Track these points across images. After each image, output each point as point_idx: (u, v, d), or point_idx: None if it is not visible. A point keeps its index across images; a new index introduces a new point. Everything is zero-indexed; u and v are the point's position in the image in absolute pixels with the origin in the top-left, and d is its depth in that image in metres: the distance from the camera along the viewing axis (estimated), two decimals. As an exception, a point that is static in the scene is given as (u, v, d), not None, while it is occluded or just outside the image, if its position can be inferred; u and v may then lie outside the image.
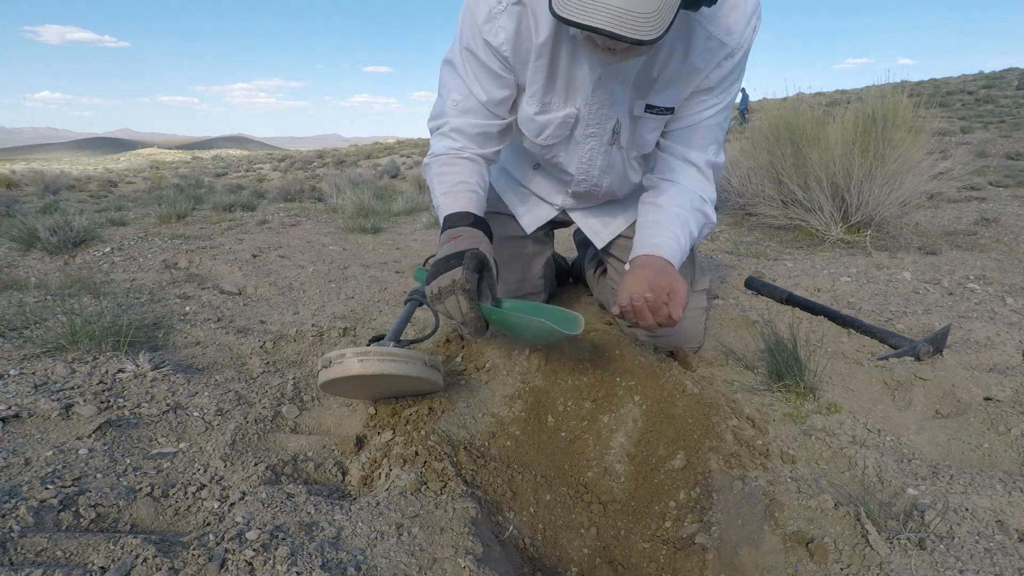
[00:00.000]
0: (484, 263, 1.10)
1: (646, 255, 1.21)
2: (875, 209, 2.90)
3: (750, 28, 1.19)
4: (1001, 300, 2.00)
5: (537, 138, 1.34)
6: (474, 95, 1.27)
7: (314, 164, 19.65)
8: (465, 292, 1.04)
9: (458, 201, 1.24)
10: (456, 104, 1.29)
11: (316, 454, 1.06)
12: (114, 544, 0.73)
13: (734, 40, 1.18)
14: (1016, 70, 26.35)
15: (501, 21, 1.17)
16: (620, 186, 1.48)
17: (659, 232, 1.26)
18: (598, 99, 1.24)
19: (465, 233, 1.16)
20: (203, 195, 6.45)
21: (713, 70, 1.22)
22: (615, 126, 1.30)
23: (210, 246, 2.85)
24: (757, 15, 1.19)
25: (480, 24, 1.18)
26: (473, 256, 1.07)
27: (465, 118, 1.30)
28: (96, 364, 1.29)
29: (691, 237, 1.30)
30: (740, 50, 1.20)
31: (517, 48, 1.20)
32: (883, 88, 3.08)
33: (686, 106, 1.29)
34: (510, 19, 1.16)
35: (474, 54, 1.22)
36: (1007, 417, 1.20)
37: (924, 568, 0.79)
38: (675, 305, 1.10)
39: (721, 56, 1.20)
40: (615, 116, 1.28)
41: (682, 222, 1.28)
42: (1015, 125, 11.25)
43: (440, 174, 1.32)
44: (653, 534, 1.01)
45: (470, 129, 1.31)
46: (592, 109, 1.26)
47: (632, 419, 1.15)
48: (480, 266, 1.08)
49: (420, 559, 0.78)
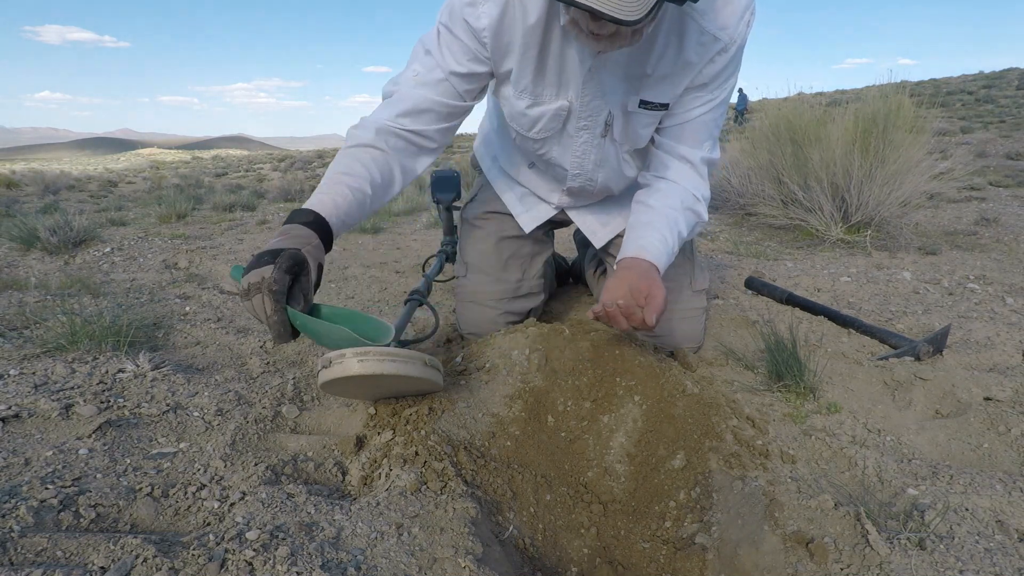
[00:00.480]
0: (301, 265, 1.00)
1: (631, 258, 1.22)
2: (875, 209, 2.90)
3: (743, 23, 1.19)
4: (1001, 300, 2.00)
5: (529, 132, 1.34)
6: (440, 66, 1.21)
7: (314, 164, 19.65)
8: (271, 293, 0.94)
9: (318, 196, 1.14)
10: (416, 74, 1.23)
11: (316, 454, 1.06)
12: (114, 544, 0.73)
13: (727, 35, 1.18)
14: (1016, 70, 26.34)
15: (486, 7, 1.15)
16: (616, 181, 1.48)
17: (647, 234, 1.26)
18: (589, 91, 1.23)
19: (295, 232, 1.06)
20: (203, 195, 6.45)
21: (707, 65, 1.22)
22: (607, 118, 1.30)
23: (210, 246, 2.85)
24: (751, 10, 1.19)
25: (464, 5, 1.16)
26: (289, 256, 0.98)
27: (420, 90, 1.23)
28: (96, 364, 1.29)
29: (680, 237, 1.31)
30: (734, 45, 1.20)
31: (499, 36, 1.18)
32: (883, 88, 3.08)
33: (681, 102, 1.29)
34: (495, 6, 1.14)
35: (451, 30, 1.20)
36: (1007, 417, 1.20)
37: (924, 568, 0.79)
38: (649, 311, 1.11)
39: (715, 51, 1.20)
40: (607, 108, 1.28)
41: (671, 223, 1.29)
42: (1015, 125, 11.25)
43: (339, 157, 1.22)
44: (653, 534, 1.01)
45: (416, 102, 1.23)
46: (584, 101, 1.25)
47: (632, 419, 1.15)
48: (295, 268, 0.98)
49: (420, 559, 0.78)
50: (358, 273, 2.38)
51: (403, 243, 3.16)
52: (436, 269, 1.82)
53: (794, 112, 3.31)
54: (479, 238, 1.63)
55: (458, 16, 1.17)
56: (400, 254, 2.85)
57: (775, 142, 3.31)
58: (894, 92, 3.02)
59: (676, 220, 1.30)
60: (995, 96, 18.11)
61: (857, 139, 2.90)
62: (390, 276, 2.35)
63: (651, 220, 1.29)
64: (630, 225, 1.33)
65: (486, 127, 1.71)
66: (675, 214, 1.31)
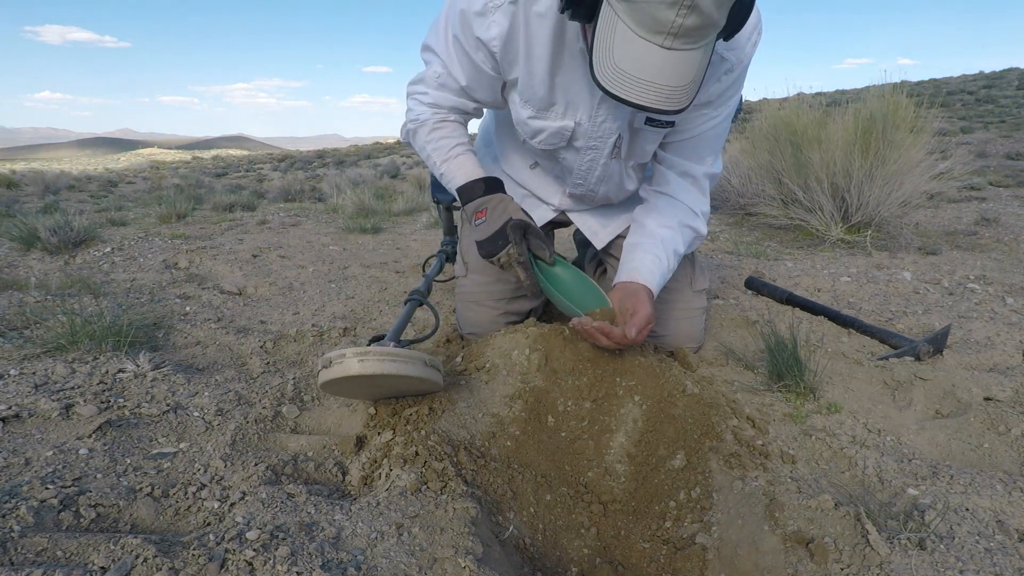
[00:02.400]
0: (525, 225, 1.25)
1: (624, 282, 1.28)
2: (875, 209, 2.90)
3: (751, 43, 1.20)
4: (1001, 300, 2.00)
5: (532, 140, 1.35)
6: (452, 77, 1.30)
7: (314, 164, 19.65)
8: (520, 265, 1.22)
9: (463, 168, 1.35)
10: (437, 76, 1.32)
11: (316, 454, 1.06)
12: (114, 544, 0.73)
13: (735, 55, 1.20)
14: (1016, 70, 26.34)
15: (496, 16, 1.16)
16: (616, 193, 1.51)
17: (641, 255, 1.31)
18: (602, 113, 1.25)
19: (490, 203, 1.29)
20: (203, 195, 6.45)
21: (713, 84, 1.23)
22: (616, 140, 1.31)
23: (210, 246, 2.85)
24: (758, 31, 1.20)
25: (473, 15, 1.17)
26: (514, 227, 1.22)
27: (442, 92, 1.34)
28: (96, 364, 1.29)
29: (677, 255, 1.35)
30: (740, 65, 1.22)
31: (508, 46, 1.20)
32: (883, 88, 3.08)
33: (685, 119, 1.30)
34: (505, 16, 1.16)
35: (460, 43, 1.23)
36: (1007, 417, 1.20)
37: (924, 568, 0.79)
38: (629, 325, 1.16)
39: (721, 71, 1.21)
40: (618, 131, 1.29)
41: (666, 243, 1.33)
42: (1015, 125, 11.25)
43: (431, 140, 1.38)
44: (653, 534, 1.01)
45: (446, 102, 1.35)
46: (596, 123, 1.27)
47: (632, 419, 1.15)
48: (524, 230, 1.23)
49: (420, 559, 0.78)
50: (358, 273, 2.38)
51: (403, 243, 3.16)
52: (436, 269, 1.82)
53: (794, 112, 3.31)
54: (479, 238, 1.63)
55: (468, 27, 1.20)
56: (400, 254, 2.84)
57: (775, 142, 3.31)
58: (893, 92, 3.02)
59: (672, 239, 1.34)
60: (995, 96, 18.09)
61: (857, 139, 2.90)
62: (390, 276, 2.35)
63: (644, 242, 1.33)
64: (626, 247, 1.37)
65: (488, 127, 1.71)
66: (671, 233, 1.34)
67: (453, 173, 1.36)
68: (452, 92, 1.33)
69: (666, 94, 0.93)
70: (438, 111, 1.37)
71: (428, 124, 1.38)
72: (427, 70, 1.34)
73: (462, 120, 1.42)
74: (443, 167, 1.37)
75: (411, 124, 1.41)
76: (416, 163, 15.13)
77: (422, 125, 1.38)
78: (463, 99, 1.35)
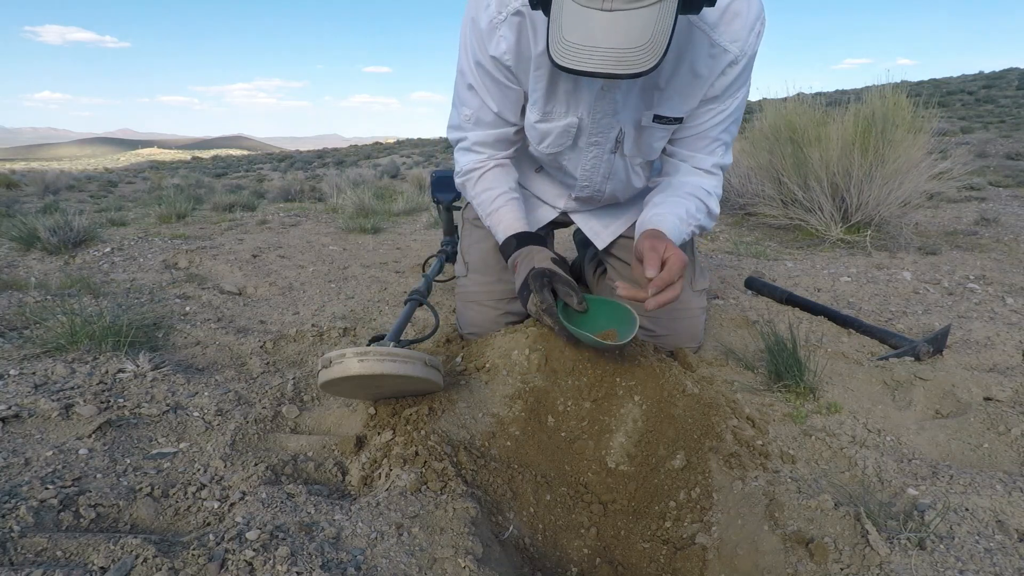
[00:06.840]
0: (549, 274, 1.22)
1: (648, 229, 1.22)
2: (875, 209, 2.90)
3: (754, 34, 1.20)
4: (1001, 300, 2.00)
5: (539, 145, 1.36)
6: (487, 106, 1.32)
7: (314, 164, 19.65)
8: (546, 311, 1.18)
9: (502, 223, 1.37)
10: (469, 118, 1.36)
11: (316, 454, 1.06)
12: (114, 544, 0.73)
13: (738, 48, 1.19)
14: (1016, 70, 26.34)
15: (502, 31, 1.19)
16: (623, 192, 1.50)
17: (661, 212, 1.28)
18: (601, 109, 1.25)
19: (520, 256, 1.30)
20: (203, 195, 6.45)
21: (718, 78, 1.23)
22: (618, 135, 1.31)
23: (210, 246, 2.85)
24: (761, 21, 1.20)
25: (484, 35, 1.21)
26: (535, 277, 1.21)
27: (481, 130, 1.37)
28: (96, 364, 1.29)
29: (693, 219, 1.31)
30: (744, 57, 1.21)
31: (519, 57, 1.23)
32: (883, 88, 3.08)
33: (694, 115, 1.30)
34: (510, 29, 1.19)
35: (483, 67, 1.26)
36: (1007, 417, 1.20)
37: (924, 568, 0.79)
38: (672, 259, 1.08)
39: (725, 63, 1.21)
40: (618, 125, 1.29)
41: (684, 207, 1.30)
42: (1015, 125, 11.25)
43: (477, 194, 1.42)
44: (653, 534, 1.01)
45: (487, 139, 1.38)
46: (595, 119, 1.27)
47: (632, 419, 1.15)
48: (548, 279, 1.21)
49: (420, 559, 0.78)
50: (358, 273, 2.38)
51: (403, 243, 3.16)
52: (436, 269, 1.82)
53: (794, 112, 3.31)
54: (480, 238, 1.63)
55: (484, 50, 1.22)
56: (400, 254, 2.84)
57: (775, 142, 3.31)
58: (893, 92, 3.02)
59: (687, 207, 1.31)
60: (995, 96, 18.10)
61: (857, 139, 2.90)
62: (390, 276, 2.35)
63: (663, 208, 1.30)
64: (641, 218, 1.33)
65: None
66: (686, 202, 1.32)
67: (495, 229, 1.39)
68: (489, 125, 1.36)
69: (616, 57, 0.90)
70: (481, 156, 1.40)
71: (474, 176, 1.41)
72: (460, 114, 1.37)
73: (509, 156, 1.43)
74: (488, 221, 1.41)
75: (460, 178, 1.46)
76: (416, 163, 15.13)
77: (468, 178, 1.42)
78: (502, 128, 1.36)
